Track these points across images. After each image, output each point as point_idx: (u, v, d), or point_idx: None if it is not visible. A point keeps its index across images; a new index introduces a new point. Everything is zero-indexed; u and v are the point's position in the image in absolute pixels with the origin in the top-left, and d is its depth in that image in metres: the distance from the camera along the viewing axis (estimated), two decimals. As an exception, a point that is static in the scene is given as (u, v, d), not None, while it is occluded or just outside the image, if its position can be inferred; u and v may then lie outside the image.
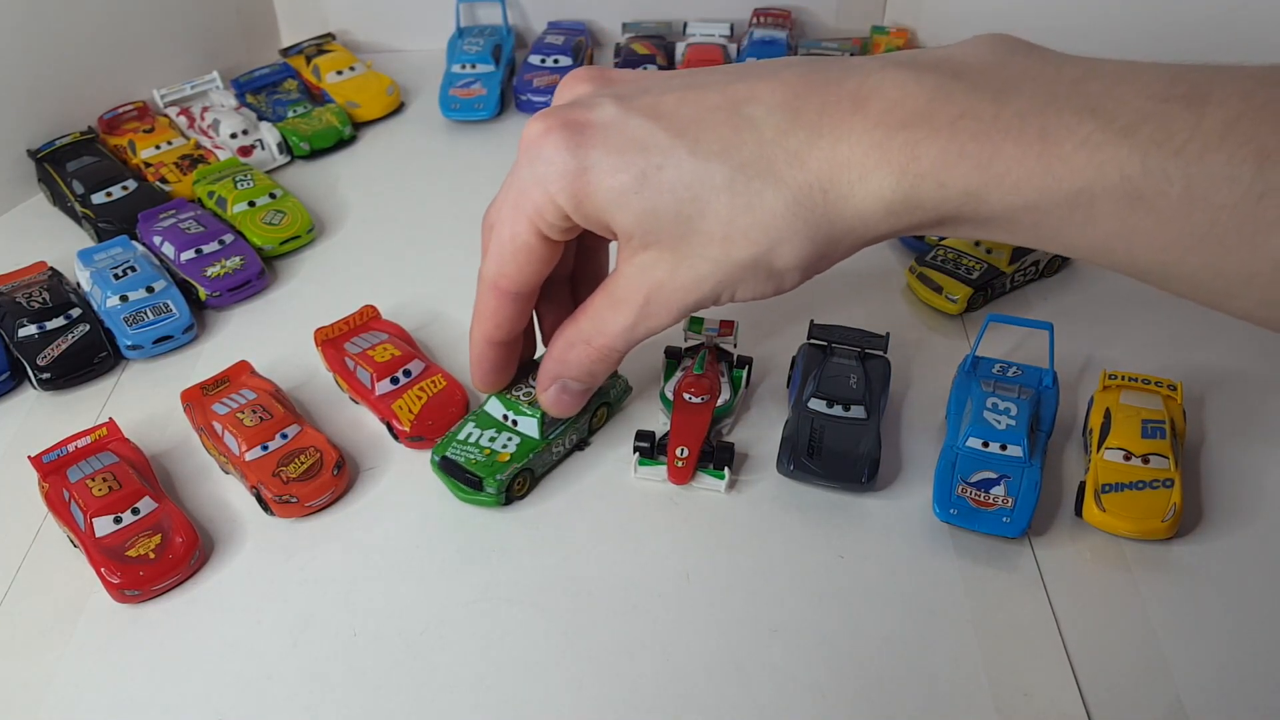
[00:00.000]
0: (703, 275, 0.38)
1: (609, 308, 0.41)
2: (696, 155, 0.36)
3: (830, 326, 0.56)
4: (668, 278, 0.39)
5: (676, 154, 0.36)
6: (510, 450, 0.50)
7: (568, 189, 0.38)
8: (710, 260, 0.37)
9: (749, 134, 0.36)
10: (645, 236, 0.38)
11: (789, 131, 0.35)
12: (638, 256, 0.39)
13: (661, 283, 0.39)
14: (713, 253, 0.37)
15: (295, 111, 0.82)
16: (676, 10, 0.95)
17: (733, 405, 0.54)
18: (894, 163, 0.34)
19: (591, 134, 0.38)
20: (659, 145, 0.36)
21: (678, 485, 0.51)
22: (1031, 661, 0.43)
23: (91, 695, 0.43)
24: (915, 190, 0.34)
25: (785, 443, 0.51)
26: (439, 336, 0.62)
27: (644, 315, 0.40)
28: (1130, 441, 0.49)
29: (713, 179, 0.36)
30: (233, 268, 0.65)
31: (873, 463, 0.50)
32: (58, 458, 0.51)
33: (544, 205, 0.39)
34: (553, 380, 0.46)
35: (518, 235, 0.41)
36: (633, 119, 0.37)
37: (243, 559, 0.49)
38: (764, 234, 0.36)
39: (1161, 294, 0.67)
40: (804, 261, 0.37)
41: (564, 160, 0.38)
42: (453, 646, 0.45)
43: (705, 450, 0.51)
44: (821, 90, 0.35)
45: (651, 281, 0.39)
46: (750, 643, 0.44)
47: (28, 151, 0.76)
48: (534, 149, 0.39)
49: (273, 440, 0.52)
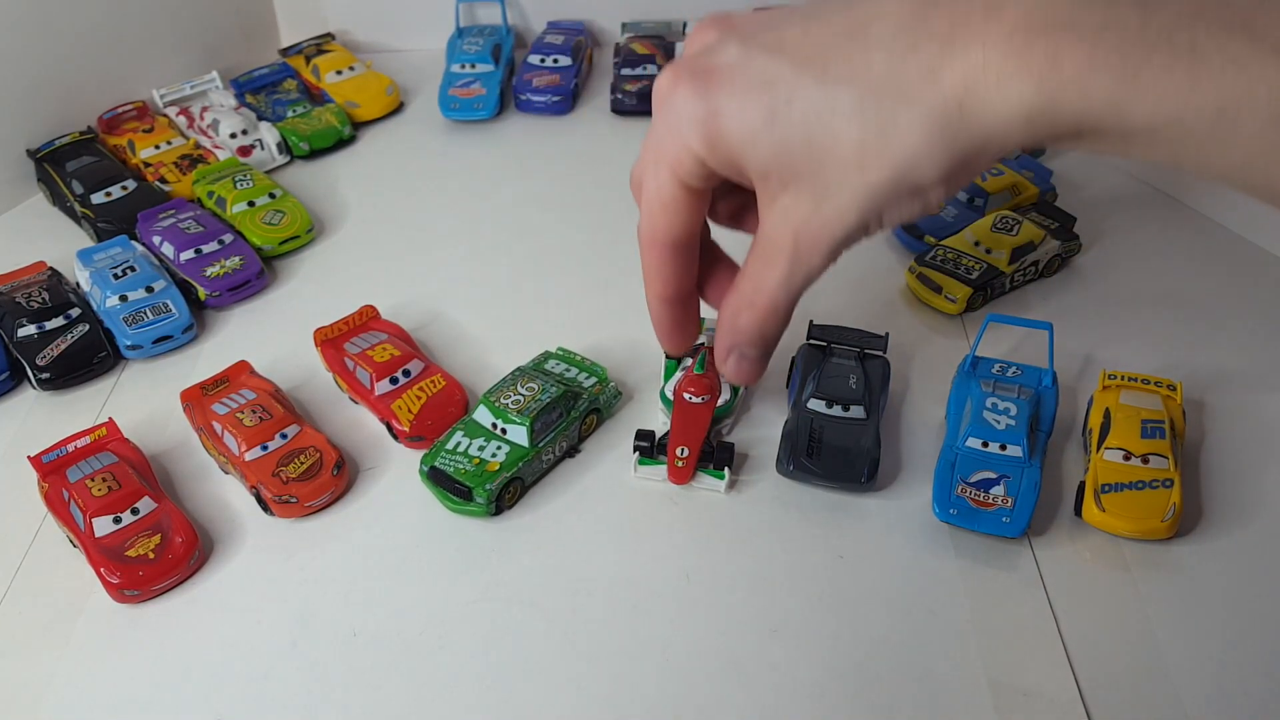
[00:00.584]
0: (845, 206, 0.37)
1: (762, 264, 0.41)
2: (824, 84, 0.36)
3: (829, 327, 0.56)
4: (811, 214, 0.38)
5: (803, 85, 0.36)
6: (500, 459, 0.50)
7: (701, 135, 0.38)
8: (850, 188, 0.37)
9: (877, 54, 0.35)
10: (781, 173, 0.38)
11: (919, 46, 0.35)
12: (778, 201, 0.39)
13: (806, 220, 0.38)
14: (851, 180, 0.37)
15: (295, 111, 0.82)
16: (676, 10, 0.95)
17: (732, 406, 0.54)
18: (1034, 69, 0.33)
19: (718, 78, 0.38)
20: (785, 79, 0.36)
21: (678, 485, 0.51)
22: (1031, 661, 0.43)
23: (91, 695, 0.43)
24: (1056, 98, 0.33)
25: (785, 443, 0.51)
26: (438, 336, 0.62)
27: (797, 261, 0.40)
28: (1130, 441, 0.49)
29: (842, 105, 0.36)
30: (232, 268, 0.65)
31: (872, 462, 0.50)
32: (57, 458, 0.51)
33: (681, 154, 0.39)
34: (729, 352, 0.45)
35: (663, 188, 0.41)
36: (757, 57, 0.37)
37: (242, 559, 0.49)
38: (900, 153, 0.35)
39: (1161, 294, 0.67)
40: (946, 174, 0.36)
41: (694, 107, 0.38)
42: (452, 646, 0.44)
43: (705, 450, 0.51)
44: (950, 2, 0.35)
45: (796, 223, 0.39)
46: (750, 642, 0.44)
47: (27, 151, 0.76)
48: (665, 101, 0.39)
49: (272, 440, 0.52)
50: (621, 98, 0.85)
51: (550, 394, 0.52)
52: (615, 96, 0.85)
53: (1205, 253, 0.67)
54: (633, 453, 0.52)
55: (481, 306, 0.65)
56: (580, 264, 0.68)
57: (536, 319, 0.64)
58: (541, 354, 0.58)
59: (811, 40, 0.37)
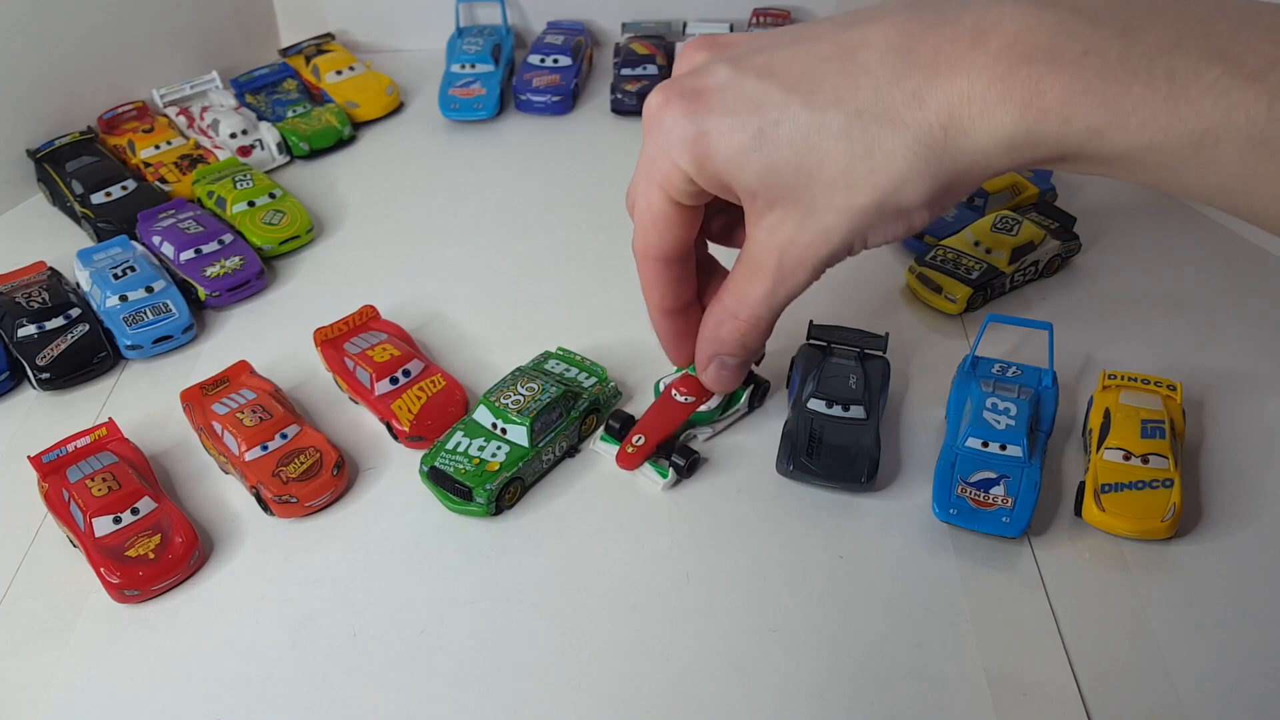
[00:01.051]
0: (829, 226, 0.38)
1: (746, 278, 0.42)
2: (812, 107, 0.36)
3: (830, 327, 0.56)
4: (796, 234, 0.39)
5: (791, 108, 0.37)
6: (500, 459, 0.50)
7: (689, 154, 0.39)
8: (835, 210, 0.38)
9: (864, 80, 0.36)
10: (769, 193, 0.38)
11: (905, 73, 0.35)
12: (764, 219, 0.39)
13: (791, 240, 0.39)
14: (837, 201, 0.37)
15: (295, 111, 0.82)
16: (676, 10, 0.95)
17: (715, 416, 0.54)
18: (1017, 97, 0.34)
19: (707, 99, 0.38)
20: (774, 102, 0.37)
21: (623, 469, 0.52)
22: (1030, 661, 0.43)
23: (91, 695, 0.43)
24: (1038, 126, 0.34)
25: (785, 443, 0.51)
26: (438, 336, 0.62)
27: (780, 278, 0.41)
28: (1130, 441, 0.49)
29: (830, 128, 0.36)
30: (232, 268, 0.65)
31: (872, 462, 0.50)
32: (57, 458, 0.51)
33: (670, 173, 0.40)
34: (709, 360, 0.47)
35: (653, 204, 0.42)
36: (747, 79, 0.38)
37: (242, 559, 0.49)
38: (886, 176, 0.36)
39: (1161, 294, 0.67)
40: (929, 199, 0.37)
41: (683, 127, 0.38)
42: (452, 646, 0.44)
43: (667, 447, 0.51)
44: (937, 29, 0.35)
45: (781, 241, 0.39)
46: (749, 642, 0.44)
47: (27, 151, 0.76)
48: (655, 121, 0.40)
49: (272, 440, 0.52)
50: (621, 98, 0.85)
51: (550, 394, 0.52)
52: (615, 96, 0.85)
53: (1205, 253, 0.67)
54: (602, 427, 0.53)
55: (481, 306, 0.65)
56: (580, 264, 0.68)
57: (536, 319, 0.64)
58: (541, 354, 0.58)
59: (800, 64, 0.37)
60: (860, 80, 0.36)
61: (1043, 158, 0.35)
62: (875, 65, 0.36)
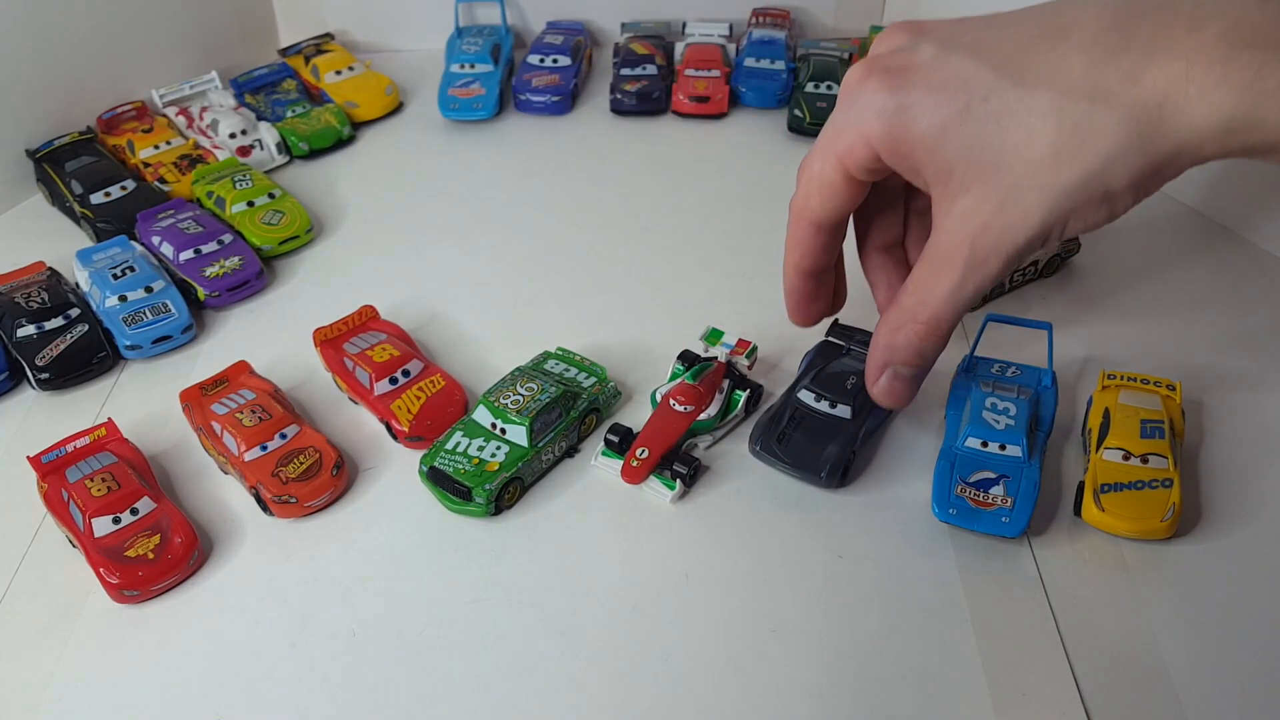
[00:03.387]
0: (1030, 208, 0.37)
1: (931, 272, 0.40)
2: (1022, 85, 0.36)
3: (853, 329, 0.56)
4: (992, 218, 0.37)
5: (1001, 85, 0.36)
6: (499, 459, 0.50)
7: (884, 127, 0.38)
8: (1037, 189, 0.36)
9: (1076, 58, 0.35)
10: (966, 172, 0.37)
11: (1120, 52, 0.35)
12: (957, 204, 0.38)
13: (986, 224, 0.37)
14: (1040, 180, 0.36)
15: (294, 111, 0.82)
16: (675, 10, 0.95)
17: (714, 423, 0.54)
18: (1237, 79, 0.33)
19: (911, 75, 0.37)
20: (983, 79, 0.36)
21: (629, 484, 0.51)
22: (1030, 661, 0.43)
23: (90, 695, 0.43)
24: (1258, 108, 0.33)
25: (760, 423, 0.51)
26: (438, 336, 0.62)
27: (971, 268, 0.38)
28: (1129, 441, 0.49)
29: (1039, 105, 0.35)
30: (231, 268, 0.65)
31: (837, 462, 0.50)
32: (56, 458, 0.51)
33: (855, 145, 0.39)
34: (881, 369, 0.43)
35: (824, 171, 0.41)
36: (954, 57, 0.37)
37: (241, 559, 0.49)
38: (1094, 153, 0.35)
39: (1161, 294, 0.67)
40: (1136, 180, 0.36)
41: (883, 100, 0.38)
42: (451, 646, 0.44)
43: (669, 458, 0.51)
44: (1154, 14, 0.35)
45: (975, 226, 0.38)
46: (749, 642, 0.44)
47: (26, 151, 0.76)
48: (852, 93, 0.39)
49: (272, 440, 0.52)
50: (621, 98, 0.85)
51: (550, 394, 0.52)
52: (614, 96, 0.85)
53: (1205, 253, 0.67)
54: (602, 442, 0.53)
55: (481, 306, 0.65)
56: (580, 264, 0.68)
57: (536, 319, 0.64)
58: (541, 354, 0.58)
59: (1009, 44, 0.37)
60: (1072, 59, 0.35)
61: (1256, 143, 0.34)
62: (1088, 44, 0.35)
